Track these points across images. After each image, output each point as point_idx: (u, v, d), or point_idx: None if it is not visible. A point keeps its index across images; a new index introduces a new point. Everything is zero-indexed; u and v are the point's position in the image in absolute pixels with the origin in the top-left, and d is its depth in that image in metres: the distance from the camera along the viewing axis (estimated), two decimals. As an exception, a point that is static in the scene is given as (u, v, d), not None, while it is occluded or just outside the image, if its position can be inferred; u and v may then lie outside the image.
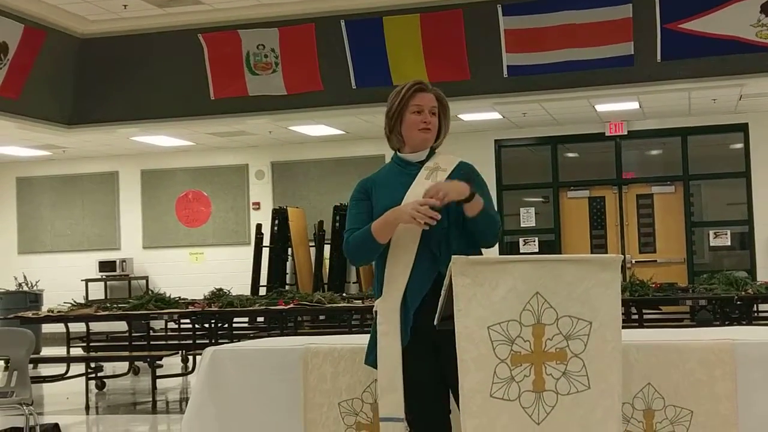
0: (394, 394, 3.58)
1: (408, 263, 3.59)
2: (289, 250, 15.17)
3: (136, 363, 11.50)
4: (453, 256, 3.29)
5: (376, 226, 3.59)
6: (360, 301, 10.36)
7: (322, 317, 11.75)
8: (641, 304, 9.72)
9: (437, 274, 3.55)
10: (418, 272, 3.58)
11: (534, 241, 14.96)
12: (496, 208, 3.74)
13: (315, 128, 14.38)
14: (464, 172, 3.68)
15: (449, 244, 3.58)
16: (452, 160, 3.75)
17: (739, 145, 14.48)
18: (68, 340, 10.71)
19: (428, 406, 3.63)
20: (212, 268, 15.93)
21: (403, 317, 3.58)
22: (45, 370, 11.55)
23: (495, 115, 13.73)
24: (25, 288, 15.03)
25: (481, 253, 3.67)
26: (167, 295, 10.69)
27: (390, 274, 3.62)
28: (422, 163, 3.73)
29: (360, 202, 3.74)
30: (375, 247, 3.60)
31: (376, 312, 3.68)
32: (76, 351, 11.10)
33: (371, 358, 3.68)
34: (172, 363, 11.76)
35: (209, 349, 4.28)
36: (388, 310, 3.61)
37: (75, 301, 10.90)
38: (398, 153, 3.80)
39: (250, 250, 15.43)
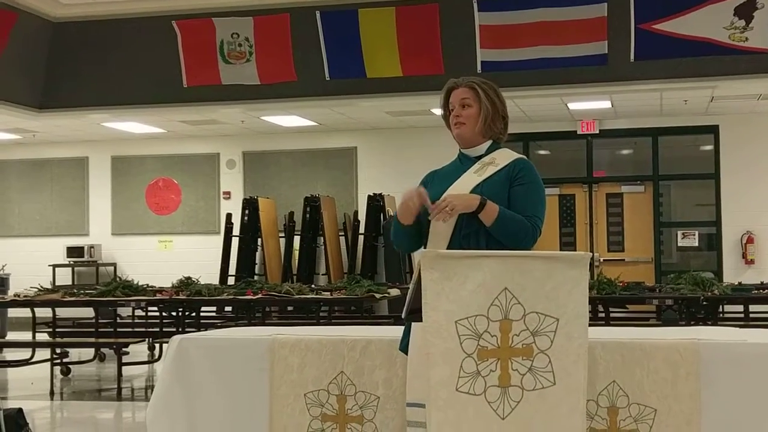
0: (421, 381, 3.60)
1: None
2: (259, 240, 15.13)
3: (102, 349, 11.43)
4: (422, 250, 3.31)
5: (398, 207, 3.74)
6: (328, 293, 10.31)
7: (290, 308, 11.72)
8: (608, 303, 9.78)
9: None
10: None
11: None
12: (538, 211, 3.68)
13: (287, 119, 14.33)
14: (515, 169, 3.71)
15: (478, 245, 3.62)
16: (510, 156, 3.78)
17: (709, 147, 14.58)
18: (34, 325, 10.63)
19: None
20: (181, 256, 15.85)
21: None
22: (10, 354, 11.44)
23: (468, 111, 13.71)
24: (-9, 272, 14.90)
25: None
26: (135, 282, 10.62)
27: None
28: (480, 157, 3.80)
29: None
30: (400, 229, 3.74)
31: None
32: (42, 336, 11.02)
33: (404, 343, 3.72)
34: (138, 350, 11.68)
35: (176, 338, 4.26)
36: None
37: (42, 286, 10.78)
38: (460, 149, 3.89)
39: (219, 239, 15.36)
